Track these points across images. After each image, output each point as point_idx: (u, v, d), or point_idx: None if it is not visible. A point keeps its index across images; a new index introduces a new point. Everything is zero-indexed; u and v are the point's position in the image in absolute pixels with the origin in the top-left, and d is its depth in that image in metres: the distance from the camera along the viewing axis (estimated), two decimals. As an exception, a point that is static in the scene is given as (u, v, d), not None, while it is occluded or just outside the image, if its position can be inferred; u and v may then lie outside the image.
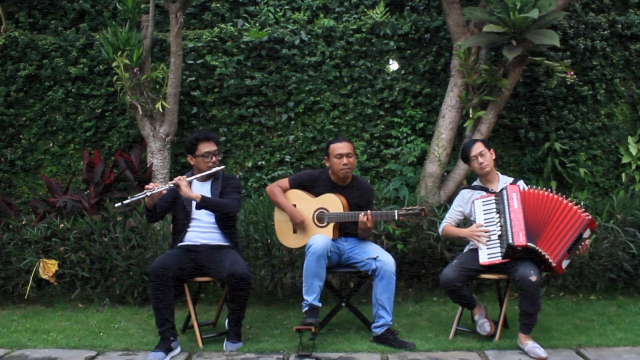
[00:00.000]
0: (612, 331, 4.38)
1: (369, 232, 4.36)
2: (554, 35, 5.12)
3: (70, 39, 6.21)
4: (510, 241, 3.98)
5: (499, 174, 4.40)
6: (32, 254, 5.28)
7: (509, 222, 4.02)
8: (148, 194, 4.07)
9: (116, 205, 4.24)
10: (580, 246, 4.05)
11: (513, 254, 4.02)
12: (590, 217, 4.01)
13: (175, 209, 4.34)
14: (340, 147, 4.36)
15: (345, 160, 4.34)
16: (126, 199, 4.24)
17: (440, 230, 4.51)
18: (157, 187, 4.11)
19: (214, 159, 4.32)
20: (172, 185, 4.16)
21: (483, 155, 4.27)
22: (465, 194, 4.41)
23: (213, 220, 4.30)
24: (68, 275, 5.38)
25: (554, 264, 3.98)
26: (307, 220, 4.38)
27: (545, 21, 5.20)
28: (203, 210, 4.23)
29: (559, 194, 4.10)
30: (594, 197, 6.05)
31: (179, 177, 4.18)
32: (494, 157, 4.36)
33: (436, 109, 6.06)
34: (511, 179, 4.36)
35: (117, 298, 5.34)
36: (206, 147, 4.29)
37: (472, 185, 4.46)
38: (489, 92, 5.58)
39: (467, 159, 4.34)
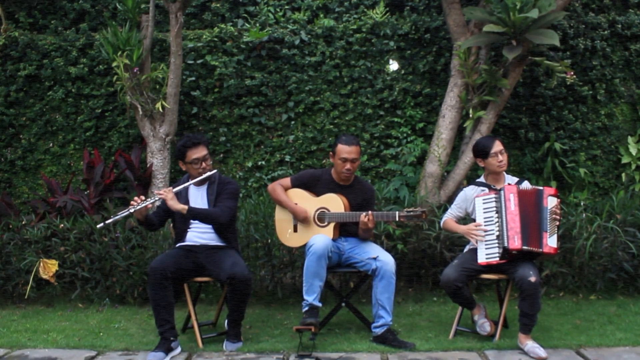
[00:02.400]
0: (612, 331, 4.38)
1: (369, 232, 4.35)
2: (554, 35, 5.12)
3: (70, 39, 6.21)
4: (506, 244, 4.00)
5: (505, 174, 4.40)
6: (32, 254, 5.28)
7: (505, 224, 4.02)
8: (132, 210, 4.01)
9: (98, 226, 4.19)
10: (554, 217, 4.02)
11: (509, 256, 4.03)
12: (539, 188, 4.08)
13: (174, 214, 4.30)
14: (347, 152, 4.31)
15: (348, 165, 4.32)
16: (110, 217, 4.18)
17: (441, 223, 4.53)
18: (142, 201, 4.06)
19: (203, 164, 4.22)
20: (157, 198, 4.12)
21: (503, 154, 4.26)
22: (468, 190, 4.40)
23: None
24: (68, 275, 5.38)
25: (541, 250, 3.98)
26: (309, 216, 4.37)
27: (545, 21, 5.20)
28: None
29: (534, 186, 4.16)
30: (594, 197, 6.05)
31: (165, 189, 4.17)
32: None
33: (436, 109, 6.06)
34: (516, 180, 4.36)
35: (117, 298, 5.34)
36: (194, 154, 4.20)
37: (477, 181, 4.45)
38: (489, 92, 5.58)
39: (485, 154, 4.26)
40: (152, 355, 3.93)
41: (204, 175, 4.23)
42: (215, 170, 4.30)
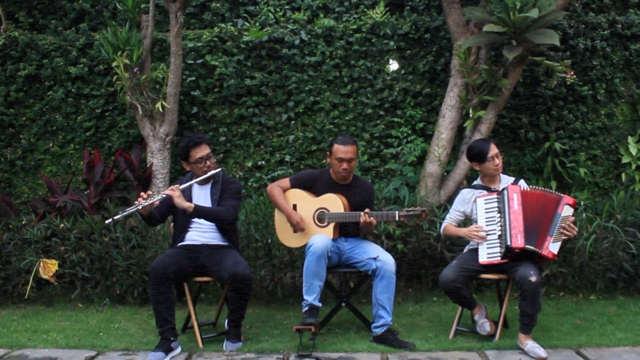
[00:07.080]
0: (612, 331, 4.38)
1: (369, 229, 4.33)
2: (554, 35, 5.12)
3: (70, 39, 6.21)
4: (509, 243, 3.99)
5: (500, 174, 4.39)
6: (32, 253, 5.28)
7: (509, 223, 4.02)
8: (140, 207, 4.02)
9: (107, 221, 4.21)
10: (564, 225, 4.00)
11: (511, 255, 4.03)
12: (561, 195, 4.04)
13: (176, 211, 4.31)
14: (343, 151, 4.30)
15: (345, 165, 4.32)
16: (118, 213, 4.18)
17: (441, 230, 4.51)
18: (149, 198, 4.07)
19: (208, 163, 4.25)
20: (164, 195, 4.13)
21: (498, 157, 4.26)
22: (465, 193, 4.40)
23: (213, 221, 4.30)
24: (68, 275, 5.38)
25: (542, 252, 3.97)
26: (305, 220, 4.37)
27: (545, 21, 5.20)
28: None
29: (554, 191, 4.13)
30: (594, 197, 6.06)
31: (172, 187, 4.17)
32: None
33: (436, 109, 6.06)
34: (512, 179, 4.36)
35: (117, 298, 5.34)
36: (198, 153, 4.23)
37: (473, 184, 4.45)
38: (489, 92, 5.58)
39: (483, 158, 4.24)
40: (152, 355, 3.93)
41: (209, 174, 4.25)
42: (219, 169, 4.32)
